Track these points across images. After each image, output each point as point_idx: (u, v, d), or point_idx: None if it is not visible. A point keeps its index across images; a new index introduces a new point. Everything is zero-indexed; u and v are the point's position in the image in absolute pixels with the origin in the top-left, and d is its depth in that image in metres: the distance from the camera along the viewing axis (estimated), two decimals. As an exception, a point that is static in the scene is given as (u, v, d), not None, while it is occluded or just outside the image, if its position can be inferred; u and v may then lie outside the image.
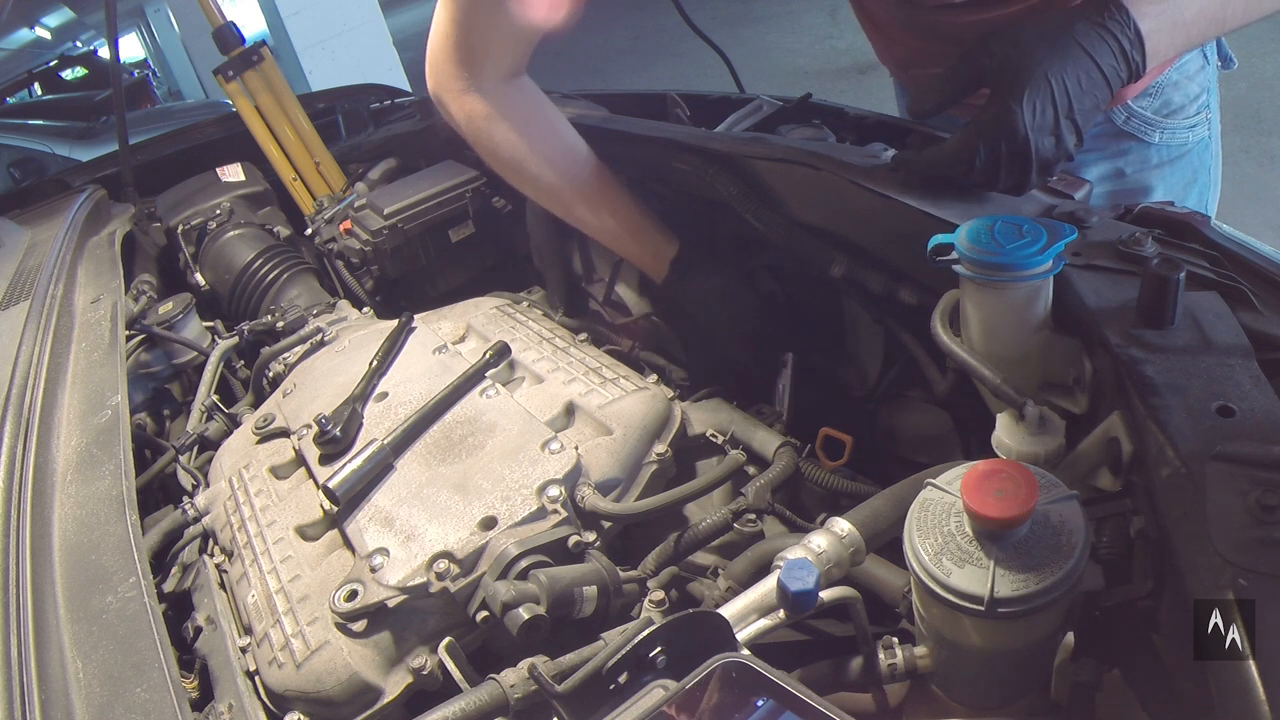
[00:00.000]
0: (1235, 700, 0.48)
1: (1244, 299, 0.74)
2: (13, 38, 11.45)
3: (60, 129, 5.91)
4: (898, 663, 0.72)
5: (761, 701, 0.51)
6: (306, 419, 1.06)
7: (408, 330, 1.21)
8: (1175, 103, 1.29)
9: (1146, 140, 1.31)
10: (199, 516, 1.03)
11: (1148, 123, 1.29)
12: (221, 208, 1.81)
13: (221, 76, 1.92)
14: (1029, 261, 0.75)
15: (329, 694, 0.78)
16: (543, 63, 1.21)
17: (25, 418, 1.02)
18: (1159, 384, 0.66)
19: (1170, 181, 1.34)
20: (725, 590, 0.87)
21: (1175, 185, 1.35)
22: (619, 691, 0.57)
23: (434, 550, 0.82)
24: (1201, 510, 0.56)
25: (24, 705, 0.67)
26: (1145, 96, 1.27)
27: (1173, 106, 1.29)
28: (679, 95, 1.58)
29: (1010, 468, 0.61)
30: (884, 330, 1.14)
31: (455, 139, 1.88)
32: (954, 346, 0.83)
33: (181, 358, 1.47)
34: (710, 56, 1.74)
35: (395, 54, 6.81)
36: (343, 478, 0.90)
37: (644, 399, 1.01)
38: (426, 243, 1.68)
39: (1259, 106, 3.51)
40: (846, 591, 0.72)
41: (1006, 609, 0.59)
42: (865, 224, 1.03)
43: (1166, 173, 1.33)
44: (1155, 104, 1.28)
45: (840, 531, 0.75)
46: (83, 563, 0.82)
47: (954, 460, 0.79)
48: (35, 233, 1.69)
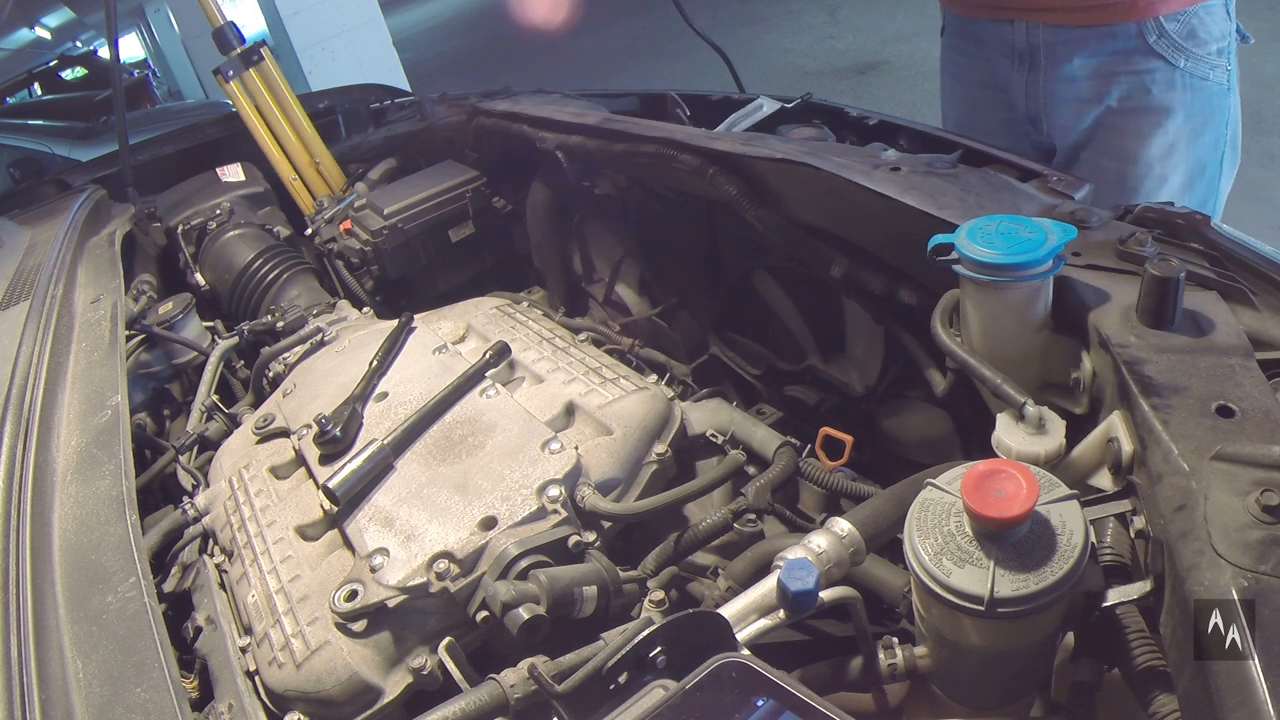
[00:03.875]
0: (1235, 700, 0.48)
1: (1244, 299, 0.74)
2: (13, 38, 11.45)
3: (60, 129, 5.91)
4: (898, 663, 0.72)
5: (761, 701, 0.51)
6: (306, 419, 1.06)
7: (408, 330, 1.21)
8: (1199, 35, 1.40)
9: (1172, 63, 1.41)
10: (199, 516, 1.03)
11: (1175, 46, 1.40)
12: (221, 208, 1.81)
13: (221, 76, 1.92)
14: (1029, 261, 0.75)
15: (329, 694, 0.78)
16: (543, 63, 1.21)
17: (25, 418, 1.02)
18: (1159, 384, 0.66)
19: (1190, 110, 1.44)
20: (725, 590, 0.87)
21: (1195, 116, 1.45)
22: (619, 691, 0.57)
23: (434, 550, 0.82)
24: (1201, 510, 0.56)
25: (24, 705, 0.67)
26: (1174, 20, 1.39)
27: (1197, 38, 1.40)
28: (679, 95, 1.58)
29: (1010, 468, 0.61)
30: (884, 330, 1.14)
31: (455, 139, 1.89)
32: (954, 346, 0.83)
33: (181, 358, 1.47)
34: (710, 56, 1.74)
35: (395, 54, 6.80)
36: (343, 478, 0.90)
37: (644, 399, 1.01)
38: (426, 243, 1.68)
39: (1259, 106, 3.50)
40: (846, 591, 0.72)
41: (1006, 609, 0.59)
42: (865, 224, 1.03)
43: (1188, 100, 1.43)
44: (1183, 30, 1.40)
45: (840, 531, 0.75)
46: (83, 563, 0.82)
47: (954, 460, 0.79)
48: (35, 233, 1.69)
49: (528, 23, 6.43)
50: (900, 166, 1.02)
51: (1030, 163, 1.04)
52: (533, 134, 1.56)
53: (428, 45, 10.57)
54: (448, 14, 12.63)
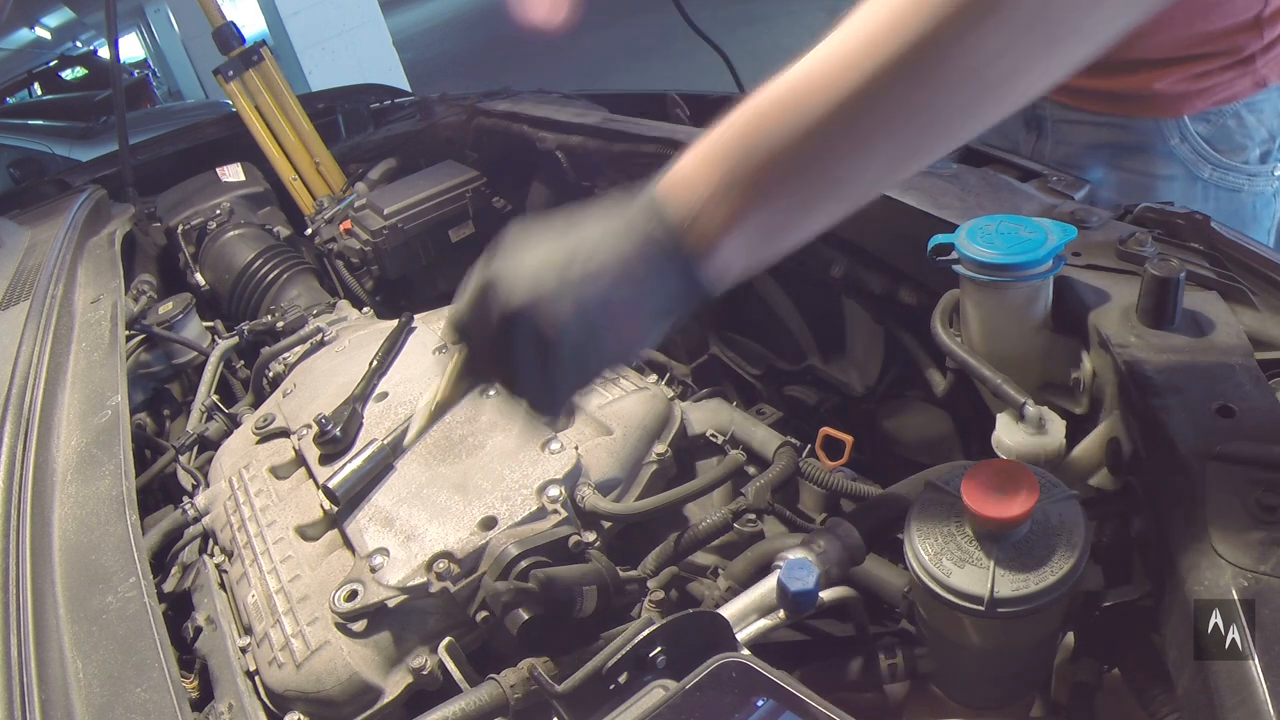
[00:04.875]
0: (1235, 700, 0.48)
1: (1244, 299, 0.74)
2: (13, 38, 11.45)
3: (60, 129, 5.91)
4: (898, 663, 0.72)
5: (761, 701, 0.51)
6: (306, 419, 1.05)
7: (408, 330, 1.21)
8: (1237, 140, 1.14)
9: (1195, 173, 1.16)
10: (199, 516, 1.03)
11: (1199, 154, 1.15)
12: (221, 208, 1.81)
13: (221, 76, 1.92)
14: (1029, 261, 0.75)
15: (329, 694, 0.78)
16: (543, 63, 1.21)
17: (25, 418, 1.02)
18: (1159, 384, 0.66)
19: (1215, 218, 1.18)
20: (725, 590, 0.87)
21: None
22: (619, 691, 0.57)
23: (434, 550, 0.82)
24: (1201, 510, 0.56)
25: (24, 705, 0.67)
26: (1204, 121, 1.15)
27: (1233, 143, 1.15)
28: (679, 95, 1.58)
29: (1010, 468, 0.61)
30: (884, 330, 1.14)
31: (455, 139, 1.89)
32: (954, 346, 0.83)
33: (181, 358, 1.46)
34: (710, 56, 1.74)
35: (395, 54, 6.81)
36: (343, 478, 0.90)
37: (644, 399, 1.01)
38: (426, 243, 1.68)
39: None
40: (846, 591, 0.72)
41: (1006, 609, 0.59)
42: (865, 224, 1.03)
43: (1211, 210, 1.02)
44: (1215, 133, 1.14)
45: (840, 531, 0.75)
46: (83, 563, 0.82)
47: (954, 460, 0.79)
48: (35, 233, 1.69)
49: (528, 23, 6.42)
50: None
51: (1030, 163, 1.04)
52: (533, 134, 1.56)
53: (428, 45, 10.56)
54: (448, 14, 12.62)
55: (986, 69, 0.50)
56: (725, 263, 0.58)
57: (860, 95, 0.51)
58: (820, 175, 0.55)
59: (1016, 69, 0.50)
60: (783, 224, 0.58)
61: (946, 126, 0.54)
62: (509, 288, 0.59)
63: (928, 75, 0.50)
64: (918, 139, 0.54)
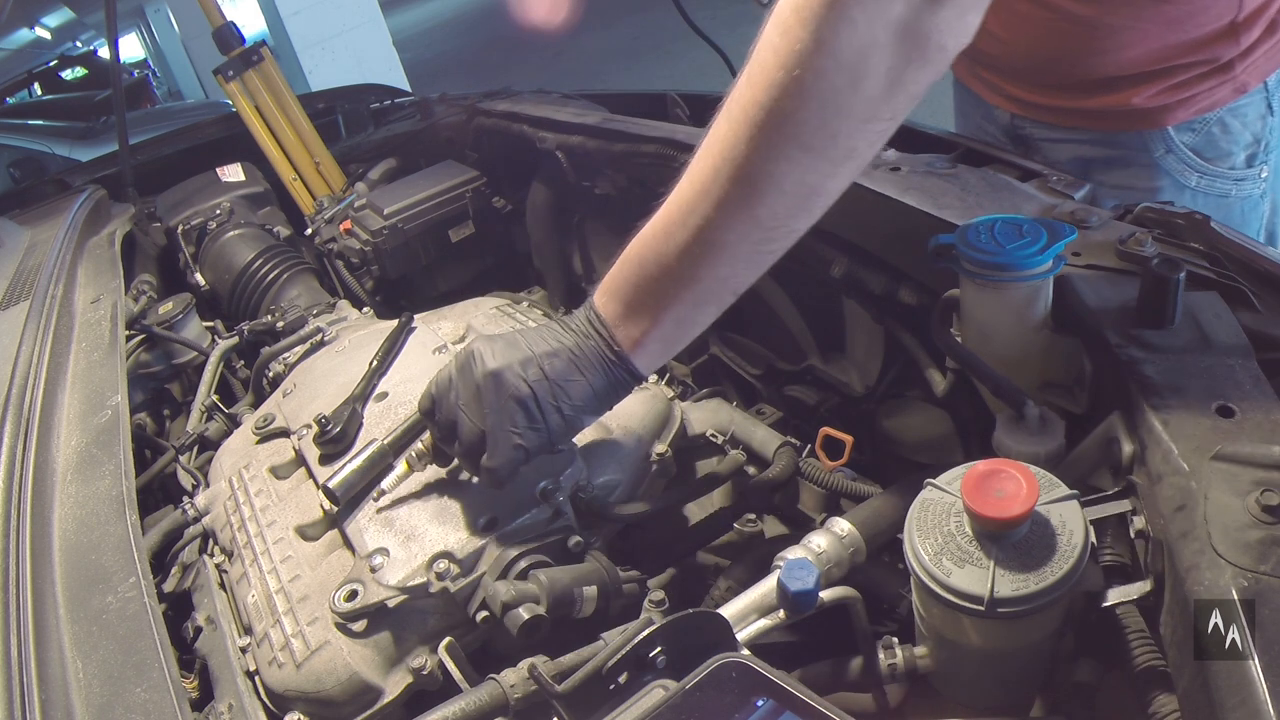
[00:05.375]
0: (1235, 700, 0.48)
1: (1244, 299, 0.74)
2: (13, 38, 11.46)
3: (60, 129, 5.92)
4: (898, 663, 0.72)
5: (761, 701, 0.51)
6: (306, 419, 1.05)
7: (408, 330, 1.21)
8: (1221, 146, 1.15)
9: (1181, 182, 1.17)
10: (199, 516, 1.03)
11: (1185, 163, 1.15)
12: (221, 208, 1.81)
13: (221, 76, 1.92)
14: (1029, 261, 0.75)
15: (329, 694, 0.78)
16: (543, 63, 1.21)
17: (25, 418, 1.02)
18: (1159, 384, 0.66)
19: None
20: (725, 590, 0.87)
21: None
22: (619, 691, 0.57)
23: (434, 550, 0.82)
24: (1201, 510, 0.56)
25: (24, 705, 0.67)
26: (1189, 130, 1.15)
27: (1219, 149, 1.15)
28: (679, 95, 1.58)
29: (1010, 468, 0.61)
30: (884, 330, 1.14)
31: (455, 139, 1.89)
32: (954, 346, 0.83)
33: (181, 358, 1.46)
34: (710, 56, 1.74)
35: (395, 54, 6.80)
36: (343, 478, 0.90)
37: (644, 399, 1.01)
38: (426, 243, 1.68)
39: None
40: (846, 591, 0.72)
41: (1006, 609, 0.59)
42: (865, 224, 1.03)
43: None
44: (1200, 141, 1.14)
45: (840, 531, 0.75)
46: (83, 563, 0.82)
47: (954, 460, 0.79)
48: (35, 233, 1.69)
49: (528, 23, 6.45)
50: (900, 166, 1.02)
51: (1030, 163, 1.04)
52: (533, 134, 1.56)
53: (428, 45, 10.57)
54: (448, 14, 12.63)
55: (795, 187, 0.67)
56: (649, 356, 0.77)
57: (711, 217, 0.68)
58: (696, 284, 0.72)
59: (816, 184, 0.67)
60: (684, 322, 0.76)
61: (783, 229, 0.70)
62: (488, 356, 0.77)
63: (759, 196, 0.66)
64: (764, 241, 0.70)
